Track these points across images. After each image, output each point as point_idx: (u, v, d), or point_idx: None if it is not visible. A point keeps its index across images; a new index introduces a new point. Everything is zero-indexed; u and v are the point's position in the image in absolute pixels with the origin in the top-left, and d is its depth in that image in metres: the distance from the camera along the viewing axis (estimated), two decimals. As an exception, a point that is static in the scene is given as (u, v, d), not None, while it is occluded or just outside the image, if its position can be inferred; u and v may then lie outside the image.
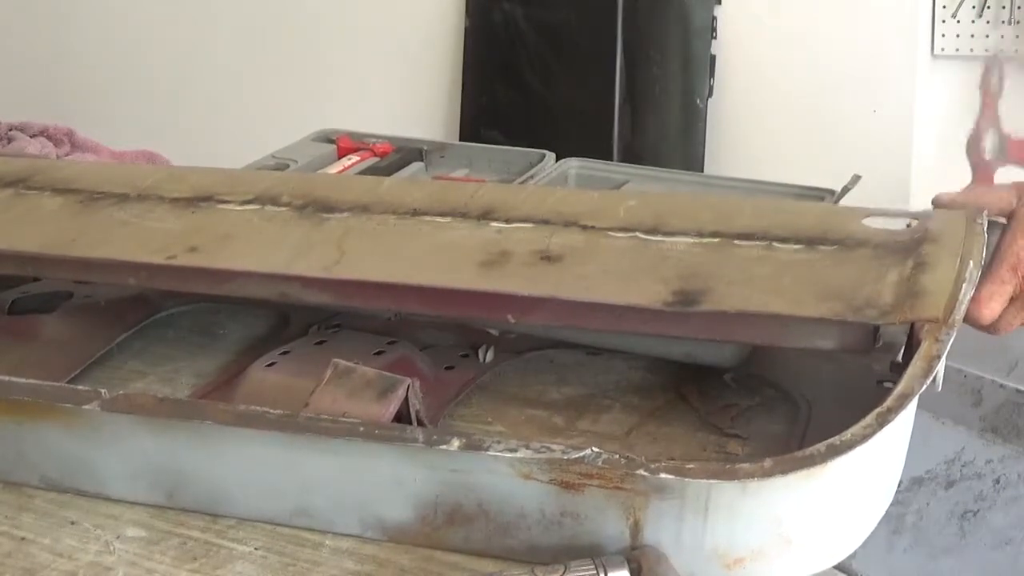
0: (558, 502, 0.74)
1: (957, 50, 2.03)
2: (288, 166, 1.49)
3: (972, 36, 2.02)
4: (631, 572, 0.70)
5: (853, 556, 0.77)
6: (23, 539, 0.82)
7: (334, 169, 1.51)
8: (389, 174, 1.47)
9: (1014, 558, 1.35)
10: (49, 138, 1.81)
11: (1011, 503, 1.37)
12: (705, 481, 0.69)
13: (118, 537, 0.82)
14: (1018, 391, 1.36)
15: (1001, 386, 1.36)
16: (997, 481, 1.38)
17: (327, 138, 1.61)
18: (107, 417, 0.81)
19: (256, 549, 0.80)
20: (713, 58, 2.18)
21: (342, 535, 0.81)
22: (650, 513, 0.72)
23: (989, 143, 1.77)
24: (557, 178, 1.46)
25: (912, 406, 0.73)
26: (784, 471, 0.68)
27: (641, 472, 0.70)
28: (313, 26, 2.55)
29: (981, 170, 1.87)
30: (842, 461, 0.69)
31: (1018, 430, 1.37)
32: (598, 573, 0.70)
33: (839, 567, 0.78)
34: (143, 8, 2.71)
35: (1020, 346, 1.39)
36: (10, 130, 1.80)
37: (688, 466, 0.70)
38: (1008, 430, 1.37)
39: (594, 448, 0.72)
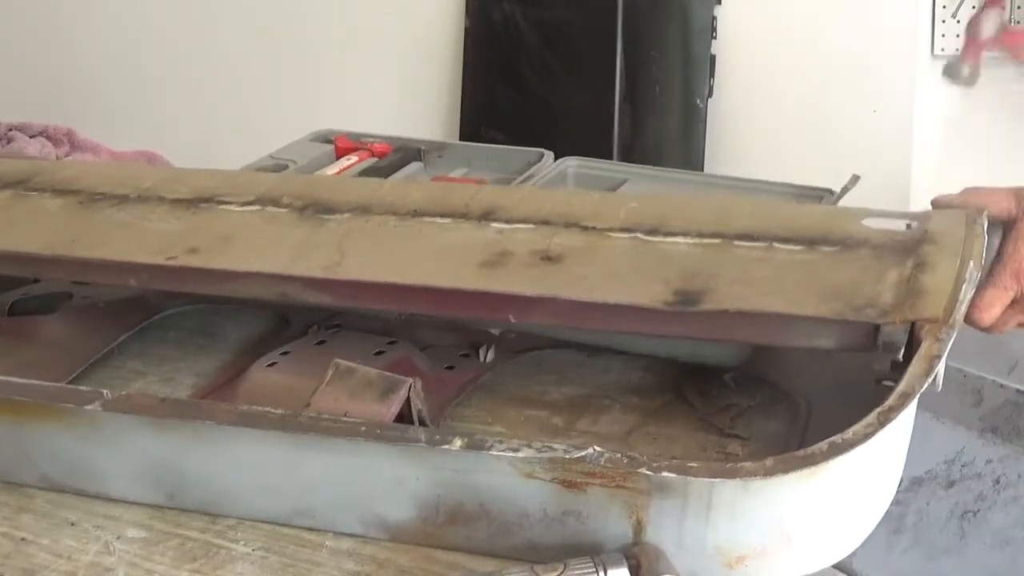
0: (560, 501, 0.74)
1: (957, 50, 2.03)
2: (287, 166, 1.49)
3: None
4: (630, 569, 0.70)
5: (853, 556, 0.77)
6: (23, 540, 0.82)
7: (333, 169, 1.51)
8: (388, 174, 1.47)
9: (1014, 558, 1.35)
10: (49, 138, 1.81)
11: (1011, 503, 1.37)
12: (707, 480, 0.69)
13: (118, 538, 0.82)
14: (1018, 391, 1.36)
15: (1001, 386, 1.36)
16: (997, 481, 1.38)
17: (325, 138, 1.60)
18: (109, 417, 0.81)
19: (256, 549, 0.80)
20: (713, 58, 2.18)
21: (342, 535, 0.81)
22: (652, 512, 0.72)
23: (989, 25, 1.84)
24: (556, 177, 1.46)
25: (913, 405, 0.73)
26: (786, 470, 0.68)
27: (644, 471, 0.70)
28: (314, 26, 2.55)
29: (972, 46, 1.93)
30: (843, 460, 0.69)
31: (1018, 430, 1.37)
32: (597, 571, 0.70)
33: (839, 567, 0.78)
34: (143, 9, 2.71)
35: (1020, 346, 1.38)
36: (10, 130, 1.80)
37: (690, 465, 0.70)
38: (1008, 430, 1.37)
39: (596, 447, 0.72)
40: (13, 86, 2.79)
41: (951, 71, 1.95)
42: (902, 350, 0.85)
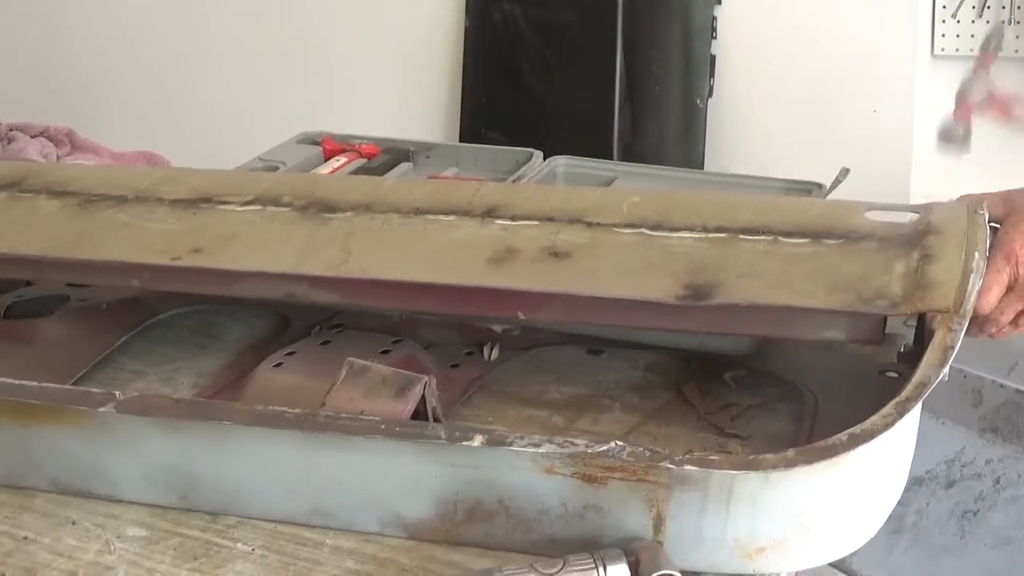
0: (580, 496, 0.74)
1: (957, 50, 2.03)
2: (277, 168, 1.49)
3: (972, 36, 2.02)
4: (629, 566, 0.71)
5: (853, 556, 0.77)
6: (24, 538, 0.82)
7: (324, 171, 1.50)
8: (379, 175, 1.47)
9: (1014, 558, 1.35)
10: (49, 139, 1.81)
11: (1011, 503, 1.37)
12: (729, 472, 0.70)
13: (118, 537, 0.82)
14: (1018, 391, 1.36)
15: (1001, 386, 1.36)
16: (997, 481, 1.38)
17: (312, 140, 1.60)
18: (122, 419, 0.81)
19: (256, 548, 0.80)
20: (713, 58, 2.18)
21: (342, 534, 0.81)
22: (672, 505, 0.72)
23: (977, 93, 1.95)
24: (546, 176, 1.47)
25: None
26: (807, 461, 0.69)
27: (666, 464, 0.71)
28: (314, 27, 2.55)
29: (962, 109, 2.01)
30: (863, 450, 0.69)
31: (1018, 430, 1.37)
32: (597, 567, 0.70)
33: (839, 567, 0.78)
34: (143, 9, 2.71)
35: (1020, 346, 1.39)
36: (10, 130, 1.80)
37: (712, 458, 0.71)
38: (1008, 430, 1.38)
39: (618, 441, 0.72)
40: (13, 86, 2.79)
41: (946, 134, 2.00)
42: (903, 343, 0.86)
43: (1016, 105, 1.90)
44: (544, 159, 1.51)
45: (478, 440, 0.74)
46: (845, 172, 1.37)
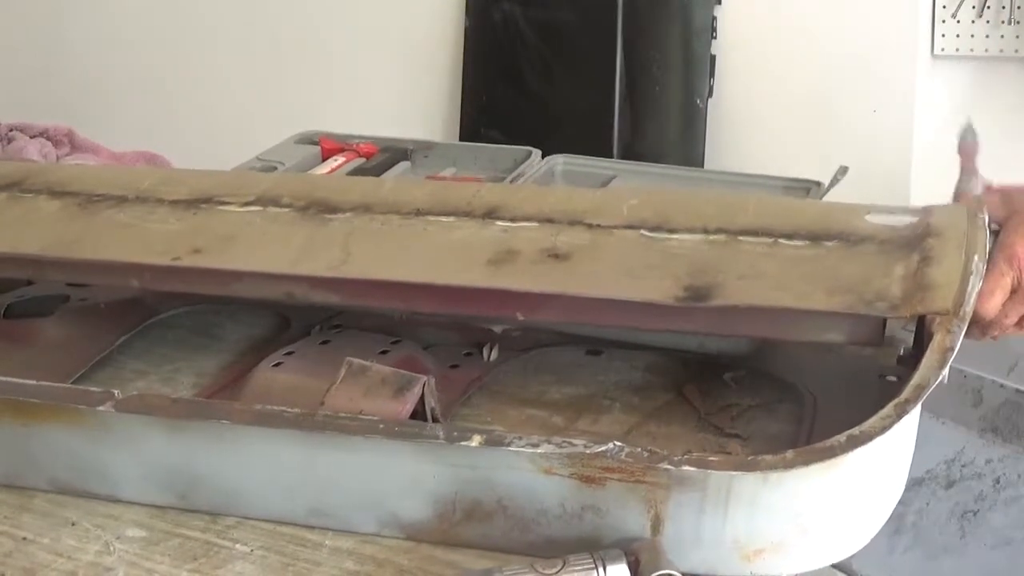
0: (579, 497, 0.74)
1: (957, 50, 2.03)
2: (275, 168, 1.49)
3: (972, 36, 2.02)
4: (629, 566, 0.71)
5: (853, 556, 0.77)
6: (24, 539, 0.82)
7: (322, 170, 1.50)
8: (378, 175, 1.47)
9: (1014, 558, 1.35)
10: (49, 139, 1.81)
11: (1011, 503, 1.37)
12: (728, 473, 0.70)
13: (118, 537, 0.82)
14: (1018, 391, 1.36)
15: (1001, 386, 1.36)
16: (997, 481, 1.38)
17: (310, 139, 1.60)
18: (121, 418, 0.81)
19: (256, 549, 0.80)
20: (713, 58, 2.18)
21: (342, 535, 0.81)
22: (671, 506, 0.72)
23: (974, 189, 1.92)
24: (545, 174, 1.47)
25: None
26: (806, 462, 0.69)
27: (664, 465, 0.71)
28: (313, 27, 2.55)
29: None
30: (862, 452, 0.69)
31: (1018, 430, 1.37)
32: (596, 567, 0.71)
33: (839, 567, 0.78)
34: (143, 9, 2.71)
35: (1020, 346, 1.38)
36: (10, 131, 1.80)
37: (711, 458, 0.71)
38: (1008, 430, 1.37)
39: (616, 442, 0.72)
40: (13, 86, 2.79)
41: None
42: (903, 347, 0.86)
43: None
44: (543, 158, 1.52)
45: (476, 440, 0.74)
46: (843, 170, 1.37)
